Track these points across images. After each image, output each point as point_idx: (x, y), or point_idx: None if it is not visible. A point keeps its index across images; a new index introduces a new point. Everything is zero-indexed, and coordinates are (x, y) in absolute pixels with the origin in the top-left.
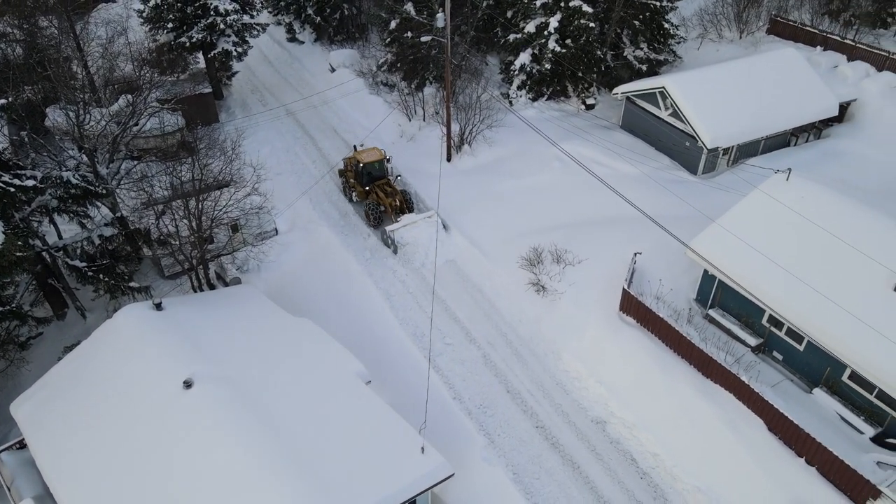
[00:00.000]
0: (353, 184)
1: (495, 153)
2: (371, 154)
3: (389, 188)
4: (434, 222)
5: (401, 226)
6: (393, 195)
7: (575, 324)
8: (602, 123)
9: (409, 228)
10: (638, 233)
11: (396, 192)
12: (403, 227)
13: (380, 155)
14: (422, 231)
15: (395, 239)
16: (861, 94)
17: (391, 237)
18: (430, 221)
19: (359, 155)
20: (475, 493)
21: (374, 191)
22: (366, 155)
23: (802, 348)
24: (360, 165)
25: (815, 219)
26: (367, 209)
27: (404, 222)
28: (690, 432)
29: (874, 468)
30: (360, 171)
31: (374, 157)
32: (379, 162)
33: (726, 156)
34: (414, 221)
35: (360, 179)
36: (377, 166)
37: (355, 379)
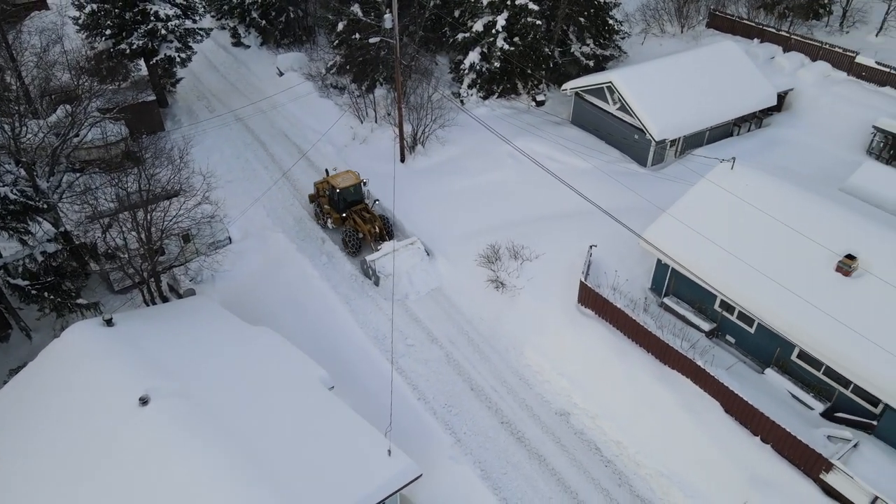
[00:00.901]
0: (327, 210)
1: (449, 152)
2: (346, 178)
3: (367, 214)
4: (417, 249)
5: (382, 255)
6: (372, 221)
7: (535, 318)
8: (553, 119)
9: (390, 257)
10: (592, 226)
11: (375, 217)
12: (385, 255)
13: (356, 178)
14: (405, 260)
15: (376, 269)
16: (797, 84)
17: (372, 267)
18: (412, 249)
19: (333, 179)
20: (444, 493)
21: (350, 217)
22: (341, 179)
23: (753, 331)
24: (337, 191)
25: (759, 205)
26: (344, 237)
27: (385, 251)
28: (651, 418)
29: (825, 442)
30: (336, 196)
31: (350, 182)
32: (355, 186)
33: (673, 147)
34: (396, 249)
35: (335, 205)
36: (353, 191)
37: (318, 385)
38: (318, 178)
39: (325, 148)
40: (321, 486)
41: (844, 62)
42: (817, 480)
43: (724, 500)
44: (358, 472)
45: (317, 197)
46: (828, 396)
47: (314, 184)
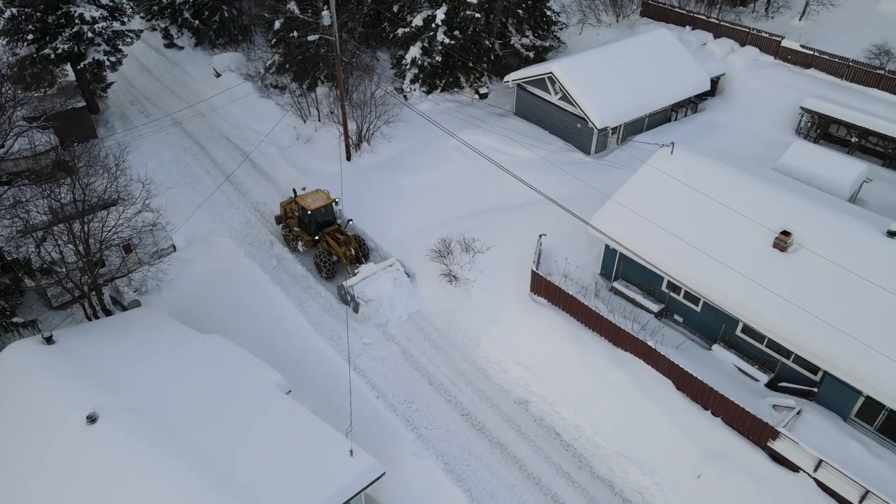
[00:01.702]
0: (298, 232)
1: (395, 148)
2: (317, 198)
3: (341, 235)
4: (397, 272)
5: (360, 279)
6: (347, 243)
7: (489, 310)
8: (497, 111)
9: (369, 281)
10: (541, 215)
11: (350, 239)
12: (363, 280)
13: (327, 198)
14: (384, 283)
15: (355, 294)
16: (728, 69)
17: (350, 293)
18: (392, 271)
19: (303, 200)
20: (409, 488)
21: (323, 239)
22: (311, 200)
23: (699, 309)
24: (308, 213)
25: (699, 187)
26: (317, 260)
27: (363, 274)
28: (607, 401)
29: (771, 411)
30: (308, 218)
31: (322, 202)
32: (327, 206)
33: (615, 134)
34: (374, 272)
35: (307, 228)
36: (325, 211)
37: (274, 390)
38: (267, 184)
39: (268, 149)
40: (283, 491)
41: (771, 46)
42: (766, 448)
43: (679, 474)
44: (320, 475)
45: (284, 219)
46: (771, 368)
47: (281, 204)
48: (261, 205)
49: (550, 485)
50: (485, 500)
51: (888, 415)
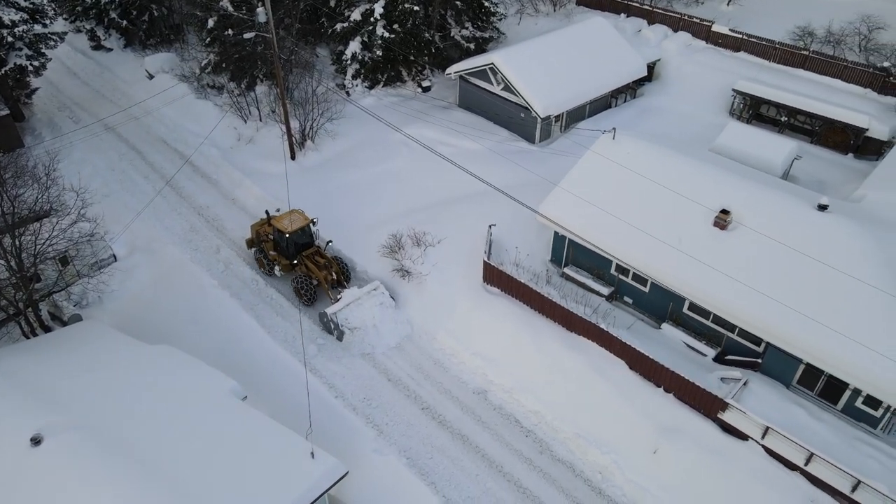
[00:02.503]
0: (273, 256)
1: (340, 146)
2: (294, 220)
3: (321, 258)
4: (381, 295)
5: (343, 305)
6: (328, 267)
7: (443, 302)
8: (440, 104)
9: (353, 308)
10: (490, 205)
11: (331, 262)
12: (346, 306)
13: (305, 219)
14: (368, 309)
15: (339, 322)
16: (663, 54)
17: (333, 320)
18: (376, 295)
19: (278, 222)
20: (373, 486)
21: (302, 262)
22: (288, 222)
23: (648, 290)
24: (286, 236)
25: (641, 171)
26: (296, 285)
27: (347, 300)
28: (564, 385)
29: (719, 384)
30: (286, 242)
31: (300, 223)
32: (305, 228)
33: (558, 122)
34: (357, 297)
35: (284, 251)
36: (303, 233)
37: (229, 397)
38: (209, 187)
39: (208, 151)
40: (244, 499)
41: (702, 31)
42: (716, 420)
43: (636, 450)
44: (282, 479)
45: (258, 242)
46: (718, 342)
47: (252, 227)
48: (204, 209)
49: (513, 471)
50: (449, 491)
51: (827, 380)
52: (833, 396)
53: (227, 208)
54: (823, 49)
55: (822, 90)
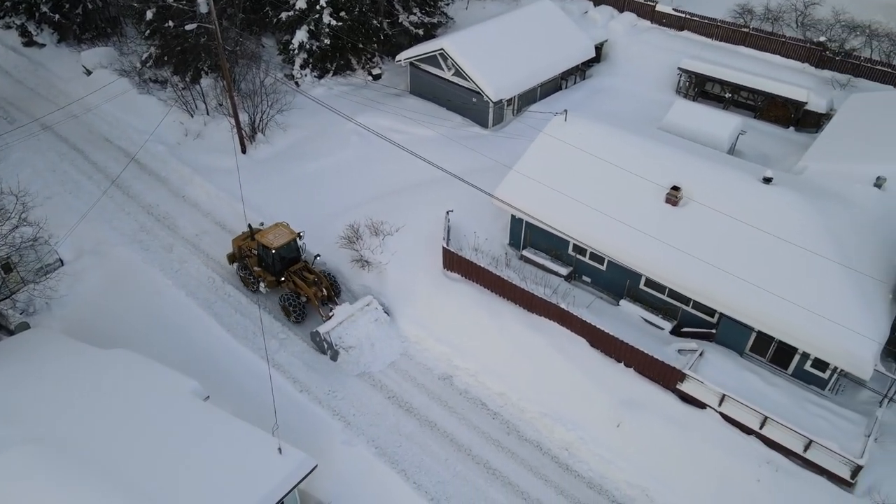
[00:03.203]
0: (258, 272)
1: (292, 137)
2: (279, 234)
3: (310, 274)
4: (375, 311)
5: (337, 323)
6: (318, 283)
7: (404, 291)
8: (392, 92)
9: (347, 325)
10: (446, 191)
11: (321, 277)
12: (340, 324)
13: (291, 234)
14: (363, 326)
15: (332, 342)
16: (610, 35)
17: (327, 340)
18: (370, 311)
19: (263, 238)
20: (343, 477)
21: (290, 279)
22: (273, 236)
23: (605, 268)
24: (272, 251)
25: (594, 151)
26: (283, 303)
27: (339, 317)
28: (527, 365)
29: (677, 356)
30: (272, 258)
31: (285, 238)
32: (291, 243)
33: (510, 106)
34: (351, 314)
35: (270, 268)
36: (290, 248)
37: (191, 398)
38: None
39: (154, 148)
40: (212, 498)
41: (647, 11)
42: (675, 391)
43: (601, 425)
44: (250, 477)
45: (240, 258)
46: (674, 315)
47: (233, 241)
48: (153, 207)
49: (482, 453)
50: (420, 477)
51: (777, 346)
52: (783, 361)
53: (177, 206)
54: (762, 26)
55: (763, 66)
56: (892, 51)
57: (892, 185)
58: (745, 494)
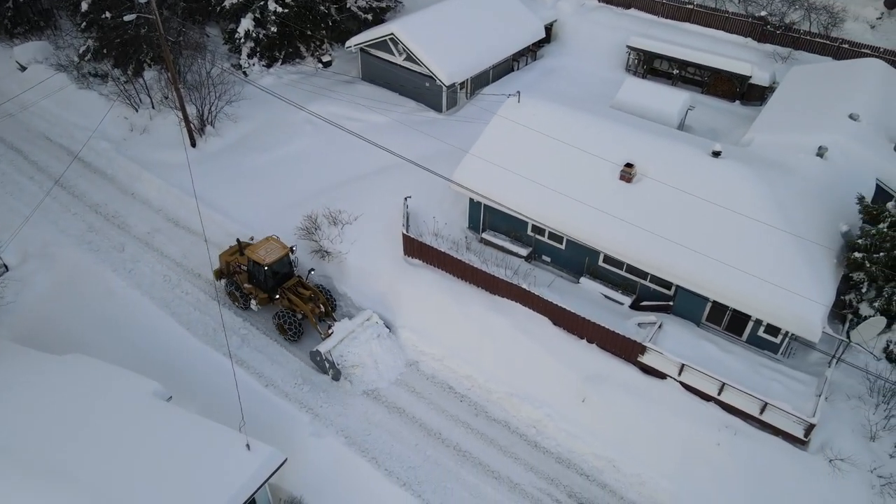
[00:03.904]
0: (249, 289)
1: (243, 129)
2: (271, 249)
3: (305, 290)
4: (376, 325)
5: (337, 341)
6: (314, 299)
7: (366, 279)
8: (343, 79)
9: (348, 343)
10: (404, 178)
11: (317, 293)
12: (341, 342)
13: (283, 248)
14: (365, 343)
15: (335, 361)
16: (559, 15)
17: (329, 359)
18: (371, 326)
19: (253, 253)
20: (314, 469)
21: (284, 296)
22: (265, 252)
23: (564, 247)
24: (265, 268)
25: (548, 131)
26: (279, 321)
27: (340, 334)
28: (492, 347)
29: (637, 330)
30: (264, 275)
31: (278, 253)
32: (284, 258)
33: (464, 89)
34: (351, 331)
35: (261, 285)
36: (282, 263)
37: (152, 400)
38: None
39: (99, 145)
40: (181, 501)
41: None
42: (636, 363)
43: (566, 401)
44: (218, 476)
45: (228, 274)
46: (633, 290)
47: (220, 257)
48: (101, 206)
49: (451, 436)
50: (391, 464)
51: (732, 314)
52: (738, 329)
53: (127, 204)
54: (706, 2)
55: (708, 42)
56: (830, 23)
57: (833, 154)
58: (707, 459)
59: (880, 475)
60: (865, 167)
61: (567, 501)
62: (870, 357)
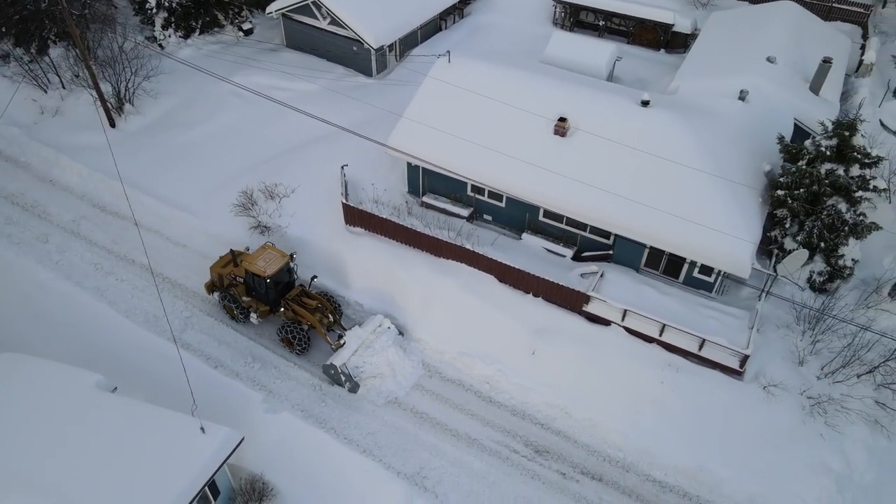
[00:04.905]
0: (248, 302)
1: (165, 105)
2: (271, 259)
3: (311, 299)
4: (389, 331)
5: (352, 352)
6: (322, 309)
7: (309, 251)
8: (266, 47)
9: (363, 353)
10: (339, 146)
11: (325, 303)
12: (355, 352)
13: (283, 256)
14: (380, 350)
15: (352, 374)
16: None
17: (345, 372)
18: (384, 332)
19: (252, 265)
20: (272, 445)
21: (288, 307)
22: (264, 262)
23: (504, 205)
24: (266, 280)
25: (481, 90)
26: (286, 334)
27: (353, 345)
28: (441, 309)
29: (580, 280)
30: (266, 287)
31: (279, 263)
32: (285, 267)
33: (393, 52)
34: (364, 340)
35: (263, 297)
36: (283, 273)
37: (96, 392)
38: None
39: (7, 131)
40: (137, 491)
41: None
42: (582, 313)
43: (517, 356)
44: (175, 461)
45: (222, 287)
46: (573, 242)
47: (212, 269)
48: (18, 196)
49: (407, 400)
50: (349, 432)
51: (668, 258)
52: (674, 272)
53: (46, 191)
54: None
55: None
56: None
57: (753, 96)
58: (652, 397)
59: (809, 396)
60: (784, 108)
61: (524, 451)
62: (795, 288)
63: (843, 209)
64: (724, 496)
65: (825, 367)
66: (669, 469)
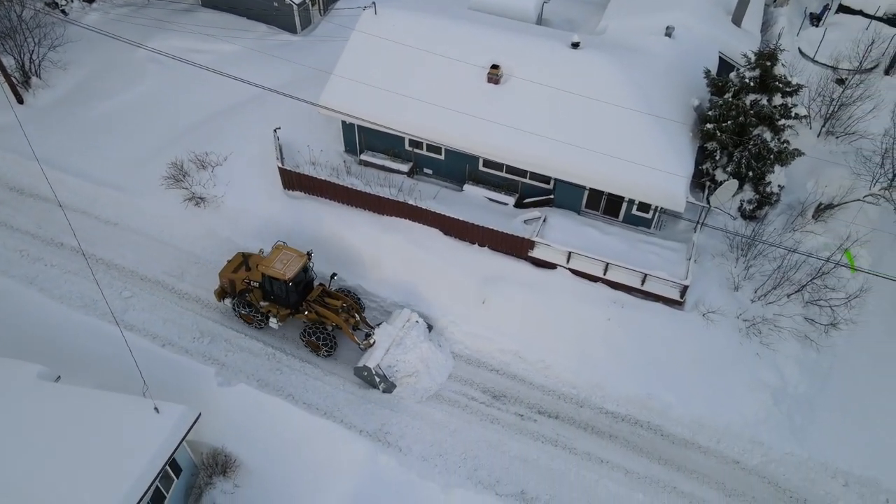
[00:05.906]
0: (267, 307)
1: (76, 76)
2: (290, 261)
3: (335, 299)
4: (418, 325)
5: (384, 352)
6: (347, 309)
7: (248, 220)
8: (180, 7)
9: (395, 351)
10: (269, 108)
11: (350, 303)
12: (388, 352)
13: (300, 256)
14: (413, 347)
15: (387, 375)
16: None
17: (380, 373)
18: (414, 326)
19: (269, 269)
20: (231, 417)
21: (310, 310)
22: (282, 264)
23: (443, 157)
24: (288, 284)
25: (411, 42)
26: (310, 337)
27: (384, 343)
28: (390, 266)
29: (524, 227)
30: (286, 290)
31: (298, 264)
32: (304, 268)
33: (316, 6)
34: (395, 337)
35: (283, 301)
36: (303, 275)
37: (38, 383)
38: None
39: None
40: (93, 479)
41: None
42: (528, 258)
43: (468, 306)
44: (130, 445)
45: (234, 293)
46: (515, 189)
47: (221, 275)
48: None
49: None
50: (308, 396)
51: (607, 198)
52: (614, 211)
53: None
54: None
55: None
56: None
57: (679, 32)
58: (601, 334)
59: (745, 319)
60: (708, 42)
61: (482, 398)
62: (727, 217)
63: (768, 138)
64: (672, 420)
65: (758, 290)
66: (621, 400)
